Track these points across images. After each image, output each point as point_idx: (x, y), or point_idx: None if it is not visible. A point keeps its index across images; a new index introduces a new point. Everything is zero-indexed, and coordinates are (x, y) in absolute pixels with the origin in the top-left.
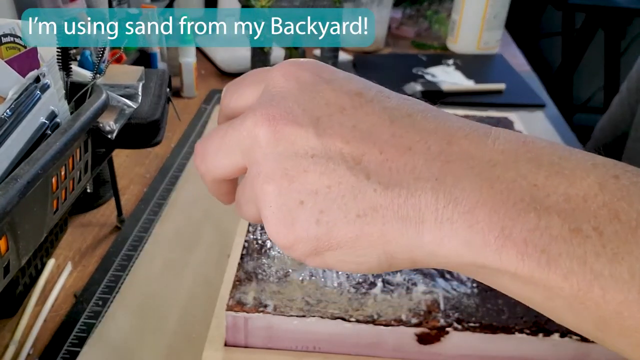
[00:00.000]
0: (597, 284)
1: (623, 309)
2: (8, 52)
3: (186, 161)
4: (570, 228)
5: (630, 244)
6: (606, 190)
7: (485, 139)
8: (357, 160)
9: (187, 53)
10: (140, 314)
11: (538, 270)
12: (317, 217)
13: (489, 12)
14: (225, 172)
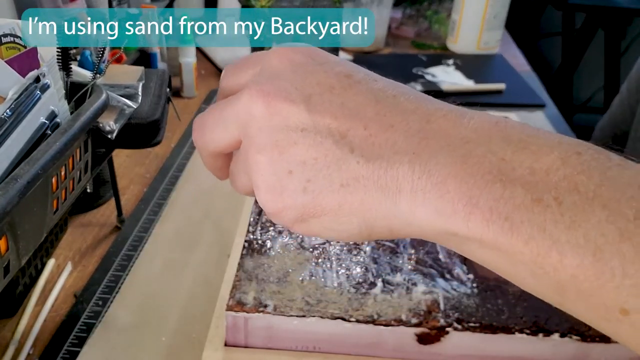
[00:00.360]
0: (555, 249)
1: (578, 273)
2: (8, 52)
3: (186, 161)
4: (532, 198)
5: (586, 213)
6: (568, 164)
7: (461, 119)
8: (343, 134)
9: (187, 53)
10: (140, 314)
11: (502, 236)
12: (304, 185)
13: (489, 12)
14: (222, 145)
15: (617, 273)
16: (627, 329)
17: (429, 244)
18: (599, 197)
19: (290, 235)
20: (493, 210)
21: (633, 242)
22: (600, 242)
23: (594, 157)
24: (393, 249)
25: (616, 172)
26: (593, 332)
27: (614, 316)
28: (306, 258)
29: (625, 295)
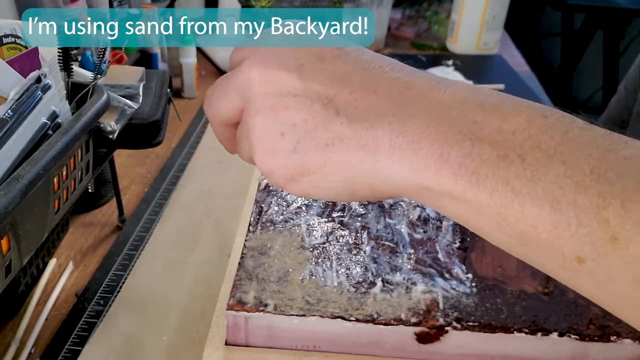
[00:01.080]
0: (516, 201)
1: (538, 223)
2: (9, 53)
3: (187, 161)
4: (498, 155)
5: (546, 168)
6: (533, 126)
7: (439, 86)
8: (330, 99)
9: (188, 53)
10: (141, 313)
11: (469, 189)
12: (294, 146)
13: (488, 12)
14: (227, 113)
15: (572, 222)
16: (584, 278)
17: (428, 244)
18: (559, 154)
19: (291, 234)
20: (461, 166)
21: (587, 193)
22: (558, 194)
23: (558, 119)
24: (393, 248)
25: (577, 133)
26: (591, 332)
27: (572, 265)
28: (306, 257)
29: (580, 244)
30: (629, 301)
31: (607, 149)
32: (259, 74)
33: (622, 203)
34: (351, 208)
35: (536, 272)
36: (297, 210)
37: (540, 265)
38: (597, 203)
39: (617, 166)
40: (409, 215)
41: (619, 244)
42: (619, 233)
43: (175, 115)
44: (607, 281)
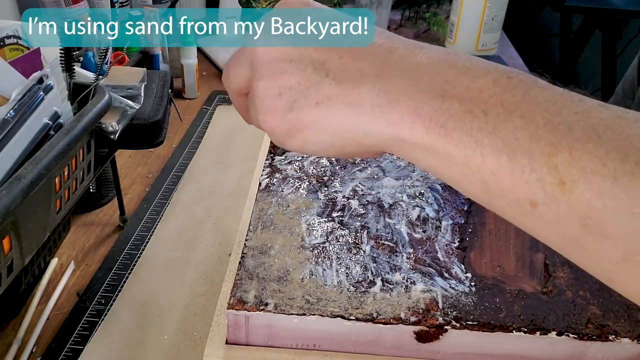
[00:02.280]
0: (478, 151)
1: (497, 171)
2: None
3: (188, 161)
4: (464, 110)
5: (506, 122)
6: (498, 85)
7: (419, 50)
8: (321, 63)
9: (189, 54)
10: (142, 313)
11: (438, 140)
12: (290, 105)
13: (487, 13)
14: (239, 82)
15: (526, 169)
16: (538, 222)
17: (427, 244)
18: (519, 110)
19: (291, 234)
20: (432, 119)
21: (540, 143)
22: (514, 145)
23: (521, 80)
24: (392, 248)
25: (537, 92)
26: (590, 331)
27: (527, 209)
28: (306, 257)
29: (533, 189)
30: (577, 244)
31: (562, 106)
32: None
33: (569, 151)
34: (351, 208)
35: (535, 272)
36: (297, 210)
37: (501, 211)
38: (548, 151)
39: (569, 120)
40: (408, 215)
41: (566, 188)
42: (566, 177)
43: (176, 116)
44: (558, 224)
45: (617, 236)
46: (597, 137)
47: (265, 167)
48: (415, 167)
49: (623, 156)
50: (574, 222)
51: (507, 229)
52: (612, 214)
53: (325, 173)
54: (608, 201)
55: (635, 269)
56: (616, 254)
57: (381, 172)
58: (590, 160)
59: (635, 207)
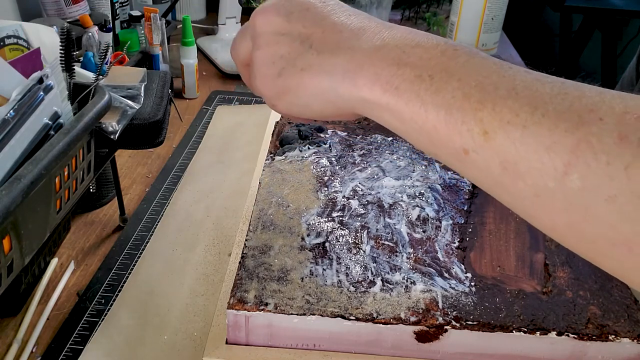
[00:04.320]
0: (423, 108)
1: (437, 124)
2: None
3: (188, 161)
4: (415, 75)
5: (447, 84)
6: (445, 55)
7: (388, 29)
8: (307, 37)
9: (189, 54)
10: (142, 313)
11: (392, 100)
12: (279, 71)
13: (487, 14)
14: (243, 53)
15: (458, 122)
16: (471, 167)
17: (427, 244)
18: (458, 74)
19: (291, 234)
20: (388, 82)
21: (470, 100)
22: (451, 102)
23: (465, 52)
24: (392, 248)
25: (476, 61)
26: (590, 331)
27: (462, 157)
28: (306, 257)
29: (464, 138)
30: (500, 184)
31: (494, 71)
32: (261, 19)
33: (492, 106)
34: (351, 208)
35: (535, 272)
36: (297, 210)
37: (445, 160)
38: (476, 107)
39: (497, 81)
40: (408, 215)
41: (489, 137)
42: (489, 128)
43: (176, 116)
44: (485, 168)
45: (528, 175)
46: (516, 94)
47: (265, 167)
48: (415, 167)
49: (533, 109)
50: (496, 166)
51: (507, 229)
52: (523, 157)
53: (325, 173)
54: (519, 146)
55: (545, 203)
56: (529, 191)
57: (381, 172)
58: (509, 113)
59: (539, 149)
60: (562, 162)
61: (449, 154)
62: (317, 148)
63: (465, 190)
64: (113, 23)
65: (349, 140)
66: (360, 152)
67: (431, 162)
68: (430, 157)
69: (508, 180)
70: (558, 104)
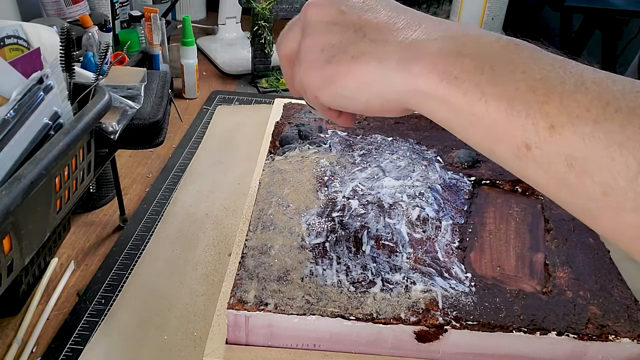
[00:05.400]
0: (483, 100)
1: (498, 117)
2: (11, 54)
3: (188, 161)
4: (475, 65)
5: (509, 76)
6: (506, 49)
7: (444, 22)
8: (361, 26)
9: (189, 55)
10: (142, 313)
11: (449, 90)
12: (329, 59)
13: (487, 14)
14: (291, 46)
15: (522, 115)
16: (531, 164)
17: (427, 244)
18: (521, 67)
19: (291, 234)
20: (446, 72)
21: (536, 93)
22: (514, 94)
23: (527, 46)
24: (392, 248)
25: (540, 55)
26: (590, 331)
27: (522, 152)
28: (306, 257)
29: (528, 132)
30: (563, 182)
31: (559, 66)
32: (315, 9)
33: (560, 99)
34: (351, 208)
35: (535, 272)
36: (297, 210)
37: (500, 156)
38: (542, 100)
39: (563, 76)
40: (408, 215)
41: (555, 131)
42: (555, 122)
43: (176, 116)
44: (547, 164)
45: (596, 172)
46: (585, 89)
47: (265, 167)
48: (415, 167)
49: (604, 104)
50: (561, 162)
51: (507, 229)
52: (593, 153)
53: (325, 173)
54: (589, 141)
55: (613, 203)
56: (596, 189)
57: (381, 172)
58: (577, 107)
59: (611, 145)
60: (636, 160)
61: (507, 150)
62: (317, 148)
63: (465, 190)
64: (113, 23)
65: (349, 140)
66: (360, 152)
67: (431, 162)
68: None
69: (573, 178)
70: (631, 100)
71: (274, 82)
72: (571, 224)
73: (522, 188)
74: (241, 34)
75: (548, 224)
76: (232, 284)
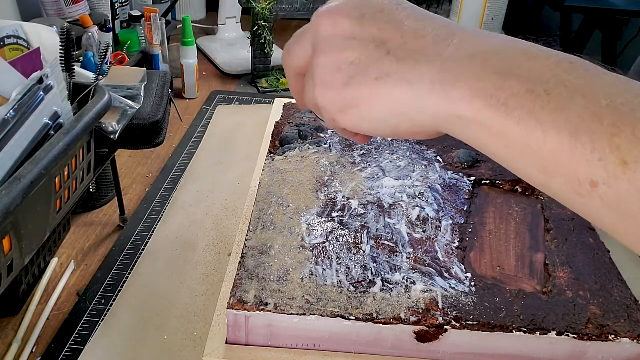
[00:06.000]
0: (540, 129)
1: (558, 149)
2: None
3: (188, 161)
4: (526, 89)
5: (569, 102)
6: (560, 67)
7: (481, 34)
8: (384, 42)
9: (189, 55)
10: (142, 313)
11: (498, 117)
12: (348, 80)
13: (487, 14)
14: (299, 61)
15: (587, 148)
16: (597, 202)
17: (427, 244)
18: (581, 91)
19: (291, 234)
20: (493, 97)
21: (603, 123)
22: (577, 123)
23: (582, 64)
24: (392, 248)
25: (599, 75)
26: (590, 331)
27: (586, 189)
28: (306, 257)
29: (594, 168)
30: (636, 222)
31: (624, 89)
32: (328, 21)
33: (632, 131)
34: (351, 208)
35: (535, 272)
36: (297, 210)
37: (555, 191)
38: (611, 131)
39: (631, 102)
40: (408, 215)
41: (629, 167)
42: (628, 157)
43: (176, 116)
44: (617, 203)
45: None
46: None
47: (265, 167)
48: (415, 167)
49: None
50: (635, 202)
51: (507, 230)
52: None
53: (325, 173)
54: None
55: None
56: None
57: (381, 172)
58: None
59: None
60: None
61: (565, 185)
62: (317, 148)
63: (465, 191)
64: (113, 23)
65: (349, 140)
66: (360, 152)
67: (431, 162)
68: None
69: None
70: None
71: (274, 82)
72: (571, 224)
73: (522, 188)
74: (241, 34)
75: (548, 224)
76: (232, 284)
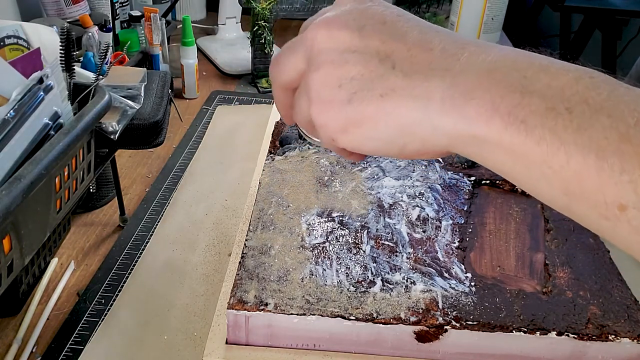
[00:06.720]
0: (563, 150)
1: (582, 170)
2: (11, 54)
3: (188, 161)
4: (546, 107)
5: (592, 120)
6: (581, 83)
7: (492, 47)
8: (388, 55)
9: (189, 55)
10: (142, 313)
11: (517, 137)
12: (349, 97)
13: (487, 14)
14: (290, 73)
15: (615, 169)
16: (624, 226)
17: (427, 244)
18: (605, 108)
19: (291, 234)
20: (511, 114)
21: (632, 143)
22: (603, 143)
23: (604, 80)
24: (392, 248)
25: (623, 92)
26: (590, 331)
27: (613, 213)
28: (306, 257)
29: (623, 191)
30: None
31: None
32: (324, 33)
33: None
34: (351, 208)
35: (535, 272)
36: (297, 210)
37: (580, 214)
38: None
39: None
40: (408, 215)
41: None
42: None
43: (176, 116)
44: None
45: None
46: None
47: (265, 167)
48: (415, 167)
49: None
50: None
51: (507, 230)
52: None
53: (325, 173)
54: None
55: None
56: None
57: (381, 172)
58: None
59: None
60: None
61: (591, 208)
62: (317, 148)
63: (465, 191)
64: (113, 23)
65: None
66: None
67: (431, 162)
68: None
69: None
70: None
71: None
72: (571, 224)
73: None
74: (241, 34)
75: (548, 224)
76: (232, 284)
